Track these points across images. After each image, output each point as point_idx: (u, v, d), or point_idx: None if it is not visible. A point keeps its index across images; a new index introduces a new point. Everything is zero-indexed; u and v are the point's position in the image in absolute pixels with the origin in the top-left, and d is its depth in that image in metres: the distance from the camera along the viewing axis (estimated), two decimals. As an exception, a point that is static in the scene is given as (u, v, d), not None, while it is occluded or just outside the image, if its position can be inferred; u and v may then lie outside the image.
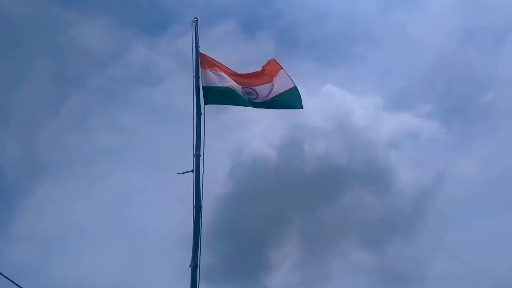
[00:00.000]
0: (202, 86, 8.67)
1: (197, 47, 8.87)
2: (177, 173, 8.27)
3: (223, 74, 8.71)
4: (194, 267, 7.70)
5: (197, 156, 8.52)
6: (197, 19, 8.97)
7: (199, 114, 8.73)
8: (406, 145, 26.04)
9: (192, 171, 8.23)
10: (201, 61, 8.75)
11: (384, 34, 31.06)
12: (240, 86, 8.69)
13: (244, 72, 9.02)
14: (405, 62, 30.48)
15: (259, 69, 9.06)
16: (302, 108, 8.79)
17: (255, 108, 8.80)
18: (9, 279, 5.76)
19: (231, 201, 21.72)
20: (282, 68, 8.94)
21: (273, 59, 9.09)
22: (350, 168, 23.38)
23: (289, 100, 8.79)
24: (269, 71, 8.94)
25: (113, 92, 27.65)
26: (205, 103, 8.65)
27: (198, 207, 8.22)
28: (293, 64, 30.96)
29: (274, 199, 21.87)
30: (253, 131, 25.41)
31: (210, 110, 8.88)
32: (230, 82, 8.63)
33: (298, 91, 8.78)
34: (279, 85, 8.83)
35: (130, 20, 30.03)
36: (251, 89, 8.65)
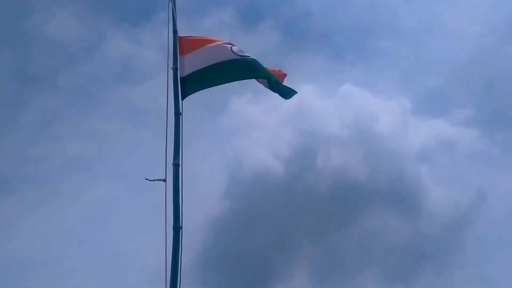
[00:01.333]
0: (180, 78, 8.68)
1: (174, 32, 8.87)
2: (146, 179, 8.18)
3: (207, 46, 8.71)
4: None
5: (175, 166, 8.41)
6: None
7: (177, 113, 8.66)
8: (440, 158, 25.97)
9: (164, 180, 8.14)
10: (180, 46, 8.77)
11: (410, 25, 31.08)
12: (230, 45, 8.74)
13: None
14: (437, 57, 30.41)
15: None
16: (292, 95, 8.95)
17: (244, 80, 8.96)
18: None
19: (227, 223, 21.67)
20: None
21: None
22: (372, 185, 23.28)
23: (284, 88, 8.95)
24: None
25: (86, 93, 27.65)
26: (183, 97, 8.63)
27: (177, 228, 8.12)
28: (303, 60, 31.00)
29: (280, 222, 21.81)
30: (255, 138, 25.39)
31: (202, 113, 8.89)
32: (215, 53, 8.65)
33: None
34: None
35: (107, 6, 30.00)
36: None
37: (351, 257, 21.83)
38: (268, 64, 9.03)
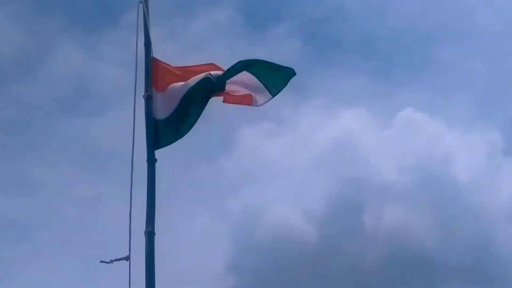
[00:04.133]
0: (153, 118, 8.85)
1: (148, 45, 9.01)
2: (101, 261, 8.27)
3: (175, 84, 8.94)
4: None
5: (148, 235, 8.52)
6: None
7: (151, 161, 8.80)
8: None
9: (126, 258, 8.23)
10: (154, 74, 8.91)
11: (489, 29, 31.01)
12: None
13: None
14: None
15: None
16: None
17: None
18: None
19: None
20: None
21: None
22: (444, 255, 23.33)
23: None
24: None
25: (23, 127, 27.70)
26: (155, 147, 8.81)
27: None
28: (335, 78, 30.77)
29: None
30: (276, 188, 25.50)
31: (194, 151, 9.06)
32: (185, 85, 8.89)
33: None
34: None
35: (55, 6, 30.17)
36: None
37: None
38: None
